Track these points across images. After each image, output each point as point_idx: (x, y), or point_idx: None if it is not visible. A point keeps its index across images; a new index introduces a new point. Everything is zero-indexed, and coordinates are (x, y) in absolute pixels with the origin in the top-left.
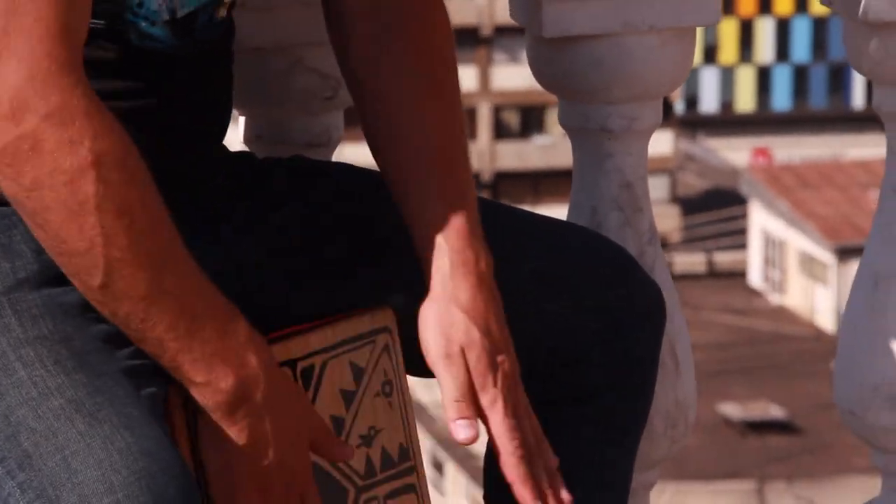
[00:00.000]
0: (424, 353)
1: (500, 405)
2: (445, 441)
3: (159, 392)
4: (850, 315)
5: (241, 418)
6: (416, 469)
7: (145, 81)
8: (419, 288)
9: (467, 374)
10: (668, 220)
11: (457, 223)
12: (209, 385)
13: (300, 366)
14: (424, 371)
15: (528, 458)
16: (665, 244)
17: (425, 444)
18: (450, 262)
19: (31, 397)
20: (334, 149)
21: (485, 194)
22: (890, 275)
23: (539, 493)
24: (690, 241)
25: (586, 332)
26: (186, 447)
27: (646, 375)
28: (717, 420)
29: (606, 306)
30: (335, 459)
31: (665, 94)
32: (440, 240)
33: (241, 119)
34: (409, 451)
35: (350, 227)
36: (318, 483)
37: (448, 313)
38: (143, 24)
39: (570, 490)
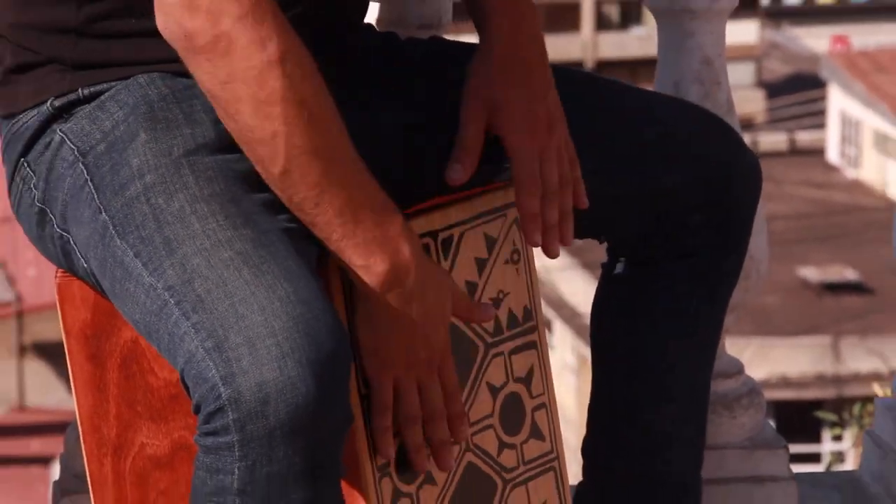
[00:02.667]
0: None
1: (525, 144)
2: (554, 301)
3: (314, 250)
4: None
5: (393, 299)
6: (538, 328)
7: None
8: None
9: (481, 129)
10: (753, 102)
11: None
12: (368, 268)
13: (441, 236)
14: None
15: (545, 195)
16: (751, 125)
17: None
18: (496, 26)
19: (204, 248)
20: (444, 31)
21: None
22: None
23: (543, 229)
24: (774, 121)
25: (691, 200)
26: (341, 304)
27: (740, 238)
28: (796, 282)
29: (711, 175)
30: (475, 321)
31: None
32: (494, 6)
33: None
34: (532, 312)
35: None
36: (453, 340)
37: (486, 68)
38: None
39: (663, 340)
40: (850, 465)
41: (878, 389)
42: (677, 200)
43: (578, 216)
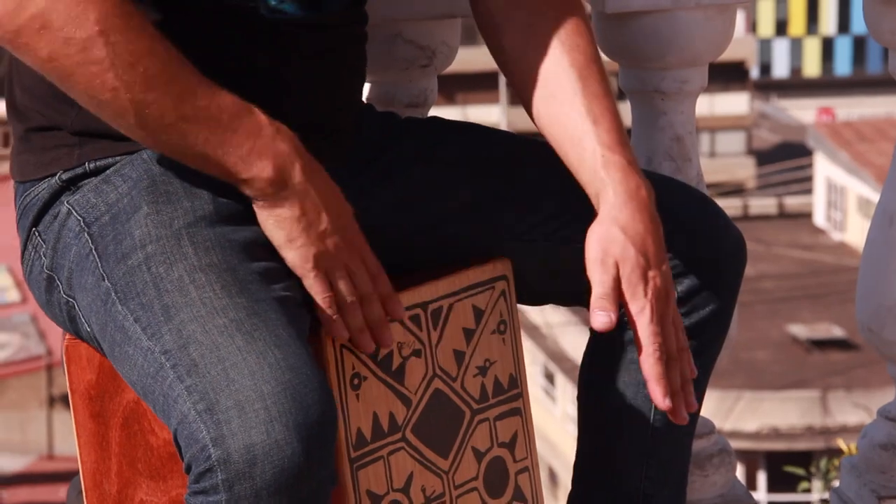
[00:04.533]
0: (586, 263)
1: (647, 312)
2: (555, 355)
3: (306, 318)
4: (869, 248)
5: (290, 195)
6: (523, 395)
7: (277, 50)
8: (529, 236)
9: (616, 280)
10: (744, 169)
11: (618, 160)
12: (254, 178)
13: (430, 307)
14: (535, 300)
15: (667, 361)
16: (742, 190)
17: (538, 357)
18: (613, 191)
19: (200, 315)
20: (430, 108)
21: None
22: None
23: (671, 393)
24: (764, 187)
25: (677, 270)
26: (332, 371)
27: (726, 307)
28: (786, 339)
29: (699, 248)
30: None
31: (710, 60)
32: (604, 173)
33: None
34: (517, 380)
35: (475, 180)
36: (440, 405)
37: (609, 232)
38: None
39: (648, 403)
40: None
41: (842, 445)
42: None
43: (565, 283)
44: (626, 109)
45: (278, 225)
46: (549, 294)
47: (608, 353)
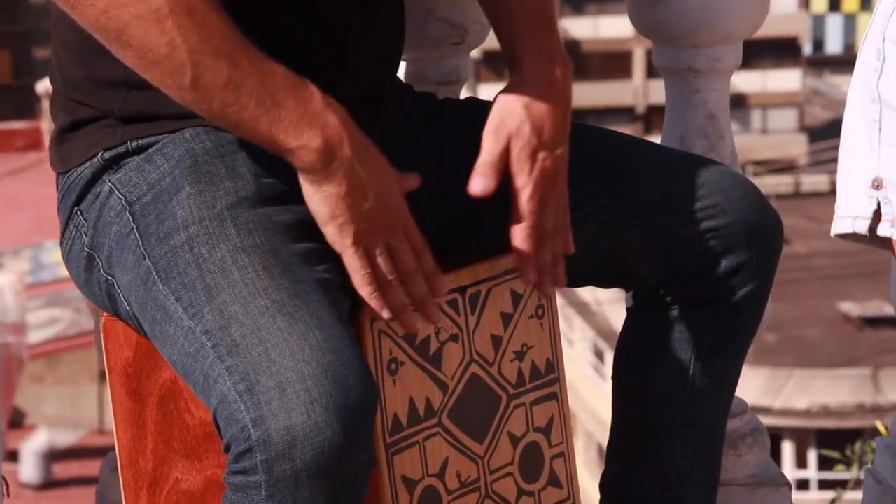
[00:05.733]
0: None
1: (527, 190)
2: (605, 332)
3: (346, 301)
4: None
5: (337, 169)
6: (559, 380)
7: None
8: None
9: (504, 152)
10: (796, 146)
11: (539, 37)
12: (303, 148)
13: (469, 291)
14: (572, 282)
15: (539, 239)
16: (794, 167)
17: (588, 334)
18: (527, 67)
19: (242, 296)
20: (462, 86)
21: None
22: None
23: (539, 269)
24: (816, 164)
25: (709, 252)
26: (370, 353)
27: (762, 287)
28: (837, 316)
29: (733, 226)
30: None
31: (744, 38)
32: (521, 48)
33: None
34: (554, 365)
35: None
36: (476, 390)
37: (511, 105)
38: None
39: (683, 382)
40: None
41: (879, 426)
42: (697, 251)
43: (602, 265)
44: (660, 87)
45: (324, 201)
46: (586, 274)
47: (644, 332)
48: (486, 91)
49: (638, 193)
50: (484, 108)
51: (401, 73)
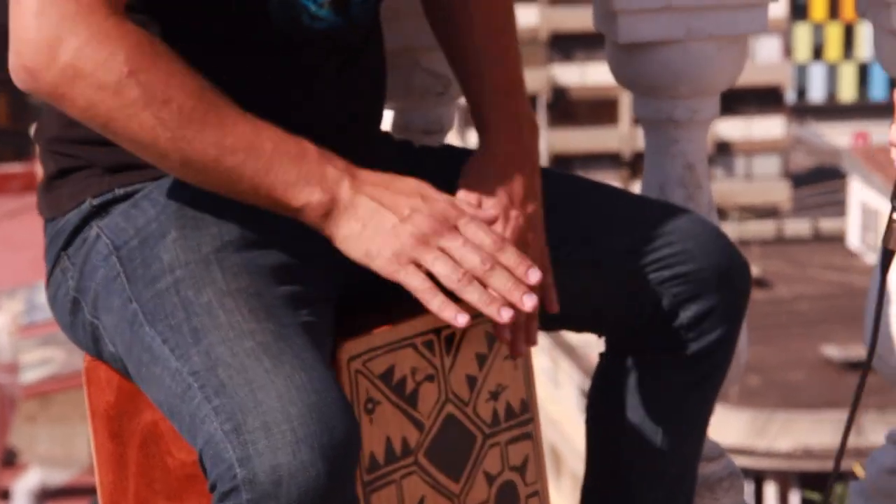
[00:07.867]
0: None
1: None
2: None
3: (329, 343)
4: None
5: (342, 213)
6: (533, 420)
7: (311, 61)
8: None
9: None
10: (780, 192)
11: (511, 113)
12: (306, 206)
13: (444, 333)
14: (549, 325)
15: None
16: (777, 213)
17: (575, 377)
18: (495, 136)
19: (228, 338)
20: (446, 135)
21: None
22: None
23: (513, 328)
24: (799, 210)
25: (678, 297)
26: (348, 393)
27: (730, 332)
28: (820, 360)
29: (702, 273)
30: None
31: (722, 89)
32: (495, 119)
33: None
34: (528, 405)
35: None
36: (452, 430)
37: (482, 168)
38: (312, 6)
39: (655, 427)
40: None
41: (857, 469)
42: (666, 296)
43: (573, 309)
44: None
45: (349, 246)
46: (557, 318)
47: (615, 377)
48: (474, 136)
49: (608, 239)
50: (459, 156)
51: (387, 121)
